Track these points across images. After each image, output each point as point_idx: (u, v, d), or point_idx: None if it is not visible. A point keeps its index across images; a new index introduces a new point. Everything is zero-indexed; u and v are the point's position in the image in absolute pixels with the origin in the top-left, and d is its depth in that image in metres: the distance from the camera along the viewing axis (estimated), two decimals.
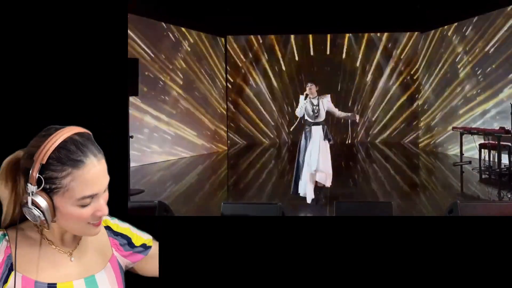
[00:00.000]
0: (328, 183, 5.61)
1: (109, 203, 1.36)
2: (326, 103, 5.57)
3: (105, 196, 1.21)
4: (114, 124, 1.67)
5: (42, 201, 1.13)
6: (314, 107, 5.51)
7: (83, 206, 1.15)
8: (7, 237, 1.19)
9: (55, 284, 1.22)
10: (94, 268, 1.30)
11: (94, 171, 1.14)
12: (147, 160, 8.89)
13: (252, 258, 1.75)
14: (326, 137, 5.52)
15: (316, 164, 5.43)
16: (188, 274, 1.68)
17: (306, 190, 5.49)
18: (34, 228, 1.24)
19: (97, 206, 1.17)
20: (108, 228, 1.39)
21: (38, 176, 1.12)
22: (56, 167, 1.12)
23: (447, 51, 9.93)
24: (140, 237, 1.43)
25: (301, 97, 5.63)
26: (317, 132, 5.51)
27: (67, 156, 1.12)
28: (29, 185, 1.13)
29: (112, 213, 1.42)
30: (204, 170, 8.80)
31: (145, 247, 1.43)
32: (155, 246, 1.45)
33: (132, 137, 6.54)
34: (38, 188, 1.12)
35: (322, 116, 5.55)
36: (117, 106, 1.72)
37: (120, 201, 1.56)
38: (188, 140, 10.10)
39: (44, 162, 1.12)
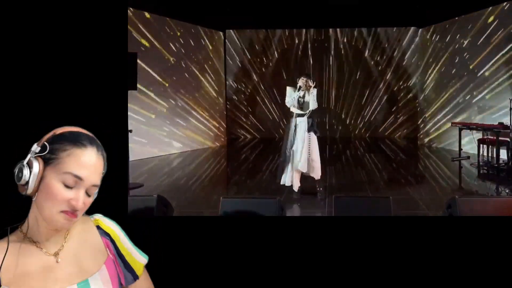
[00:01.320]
0: (315, 175, 5.64)
1: (109, 200, 1.36)
2: (312, 96, 5.58)
3: (89, 199, 1.21)
4: (114, 120, 1.67)
5: (36, 165, 1.18)
6: (300, 99, 5.56)
7: (65, 184, 1.17)
8: None
9: None
10: (88, 270, 1.25)
11: (90, 158, 1.20)
12: (146, 154, 8.89)
13: (251, 257, 1.75)
14: (310, 129, 5.56)
15: (300, 155, 5.49)
16: (187, 273, 1.68)
17: (292, 180, 5.53)
18: (18, 231, 1.24)
19: (76, 195, 1.18)
20: (98, 227, 1.35)
21: (44, 143, 1.19)
22: (62, 143, 1.19)
23: (446, 47, 9.90)
24: (133, 258, 1.37)
25: (288, 88, 5.69)
26: (301, 123, 5.57)
27: (75, 138, 1.20)
28: (35, 145, 1.20)
29: (112, 211, 1.42)
30: (203, 164, 8.80)
31: (132, 273, 1.37)
32: (144, 278, 1.39)
33: (131, 131, 6.54)
34: (41, 152, 1.19)
35: (306, 108, 5.59)
36: (117, 102, 1.72)
37: (120, 199, 1.56)
38: (188, 134, 10.09)
39: (56, 134, 1.21)
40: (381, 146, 10.89)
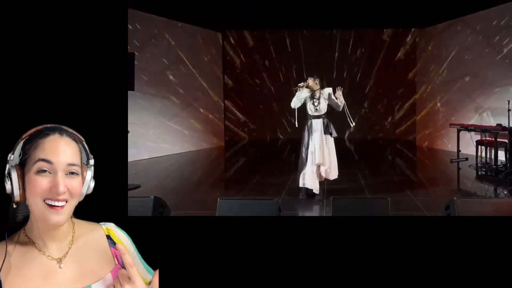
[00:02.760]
0: (331, 176, 5.63)
1: (109, 201, 1.35)
2: (327, 95, 5.55)
3: (72, 181, 1.23)
4: (113, 121, 1.65)
5: (13, 173, 1.23)
6: (315, 100, 5.50)
7: (40, 172, 1.21)
8: None
9: None
10: (90, 278, 1.27)
11: (54, 142, 1.24)
12: (143, 155, 8.87)
13: (249, 258, 1.74)
14: (326, 131, 5.50)
15: (318, 158, 5.43)
16: (185, 273, 1.67)
17: (312, 183, 5.50)
18: (22, 233, 1.26)
19: (54, 180, 1.21)
20: (108, 237, 1.36)
21: (16, 150, 1.25)
22: (29, 141, 1.25)
23: (446, 48, 9.91)
24: (140, 274, 1.35)
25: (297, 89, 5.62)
26: (317, 125, 5.51)
27: (39, 133, 1.26)
28: (9, 155, 1.26)
29: (112, 211, 1.41)
30: (200, 165, 8.78)
31: None
32: None
33: (128, 132, 6.52)
34: (15, 159, 1.25)
35: (323, 110, 5.53)
36: (116, 102, 1.70)
37: (120, 199, 1.55)
38: (185, 135, 10.07)
39: (23, 137, 1.26)
40: (379, 147, 10.89)
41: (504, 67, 8.26)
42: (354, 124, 5.77)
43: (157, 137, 9.31)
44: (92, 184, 1.30)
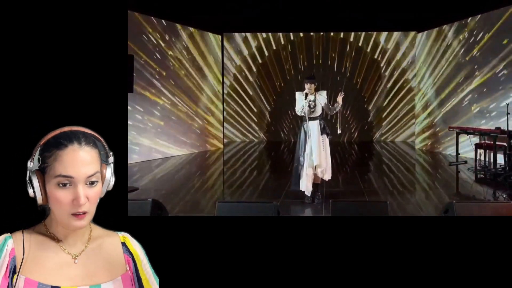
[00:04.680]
0: (326, 177, 5.62)
1: (109, 202, 1.37)
2: (322, 99, 5.58)
3: (92, 190, 1.27)
4: (113, 123, 1.65)
5: (34, 180, 1.27)
6: (311, 102, 5.51)
7: (61, 186, 1.25)
8: (11, 239, 1.27)
9: (59, 287, 1.26)
10: (101, 277, 1.32)
11: (72, 155, 1.26)
12: (142, 157, 8.85)
13: (247, 258, 1.73)
14: (323, 131, 5.53)
15: (316, 159, 5.43)
16: (182, 274, 1.66)
17: (304, 185, 5.48)
18: (42, 225, 1.32)
19: (75, 193, 1.25)
20: (124, 244, 1.42)
21: (35, 157, 1.28)
22: (48, 149, 1.27)
23: (445, 51, 9.92)
24: (149, 284, 1.43)
25: (297, 94, 5.61)
26: (314, 127, 5.52)
27: (56, 141, 1.27)
28: (28, 162, 1.29)
29: (112, 212, 1.42)
30: (199, 168, 8.77)
31: None
32: None
33: None
34: (35, 165, 1.28)
35: (318, 111, 5.56)
36: (116, 104, 1.70)
37: (120, 200, 1.54)
38: (184, 138, 10.06)
39: (41, 143, 1.28)
40: (378, 150, 10.88)
41: (503, 70, 8.26)
42: (339, 132, 5.93)
43: (156, 139, 9.30)
44: (113, 180, 1.35)
